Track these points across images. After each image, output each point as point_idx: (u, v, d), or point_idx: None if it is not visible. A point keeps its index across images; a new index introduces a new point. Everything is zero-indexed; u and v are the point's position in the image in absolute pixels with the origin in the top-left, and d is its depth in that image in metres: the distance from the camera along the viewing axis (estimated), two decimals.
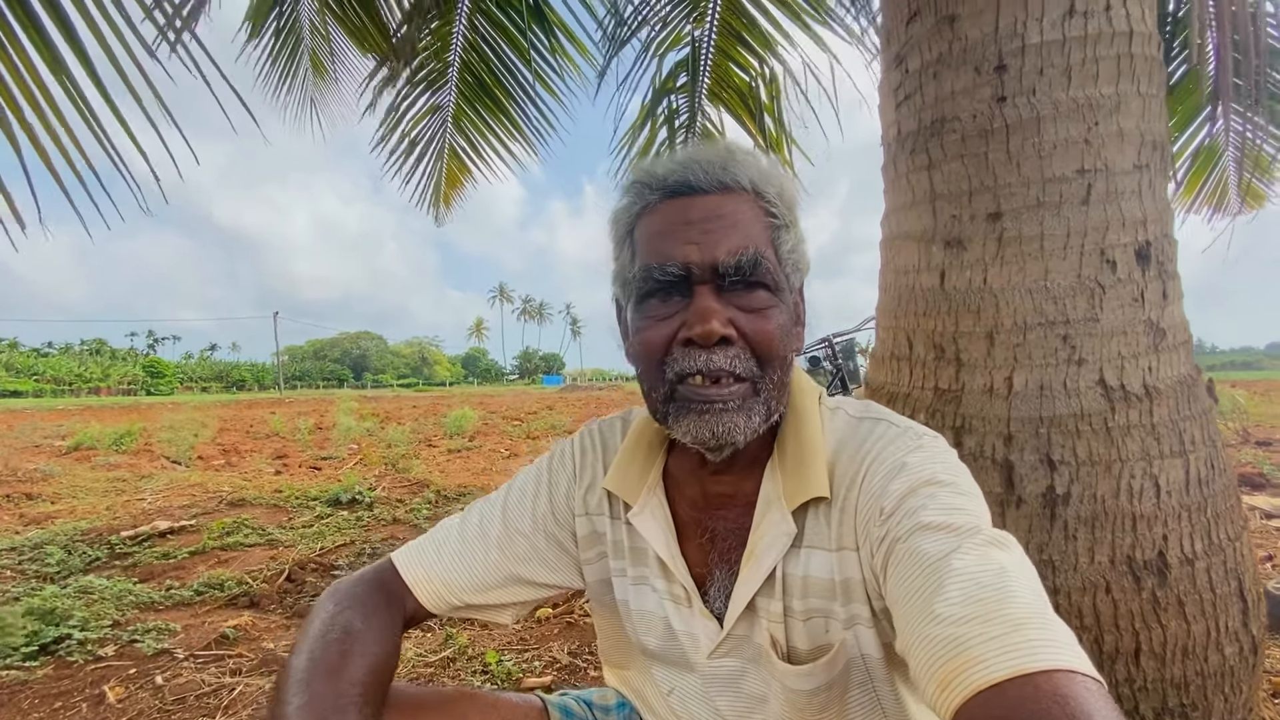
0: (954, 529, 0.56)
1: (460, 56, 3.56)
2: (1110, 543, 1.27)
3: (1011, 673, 0.43)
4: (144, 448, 9.03)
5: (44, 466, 6.93)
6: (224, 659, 2.26)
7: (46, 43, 1.53)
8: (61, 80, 1.55)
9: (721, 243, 0.64)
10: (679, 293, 0.66)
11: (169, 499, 5.15)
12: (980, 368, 1.40)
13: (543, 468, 0.87)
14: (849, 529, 0.67)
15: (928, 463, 0.64)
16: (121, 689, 2.04)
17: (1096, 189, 1.32)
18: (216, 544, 3.67)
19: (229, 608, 2.80)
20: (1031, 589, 0.50)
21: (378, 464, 7.11)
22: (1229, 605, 1.30)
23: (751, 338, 0.65)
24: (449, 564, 0.80)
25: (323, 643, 0.66)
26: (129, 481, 6.16)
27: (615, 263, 0.74)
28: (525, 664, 2.22)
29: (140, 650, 2.30)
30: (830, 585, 0.69)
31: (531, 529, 0.83)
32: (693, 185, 0.66)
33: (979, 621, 0.47)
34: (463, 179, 4.31)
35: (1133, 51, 1.33)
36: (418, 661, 2.24)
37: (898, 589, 0.56)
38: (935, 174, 1.46)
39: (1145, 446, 1.30)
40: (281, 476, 6.54)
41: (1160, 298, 1.35)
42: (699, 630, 0.76)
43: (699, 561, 0.76)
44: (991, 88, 1.37)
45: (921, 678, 0.49)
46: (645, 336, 0.67)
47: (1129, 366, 1.32)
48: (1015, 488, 1.33)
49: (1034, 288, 1.34)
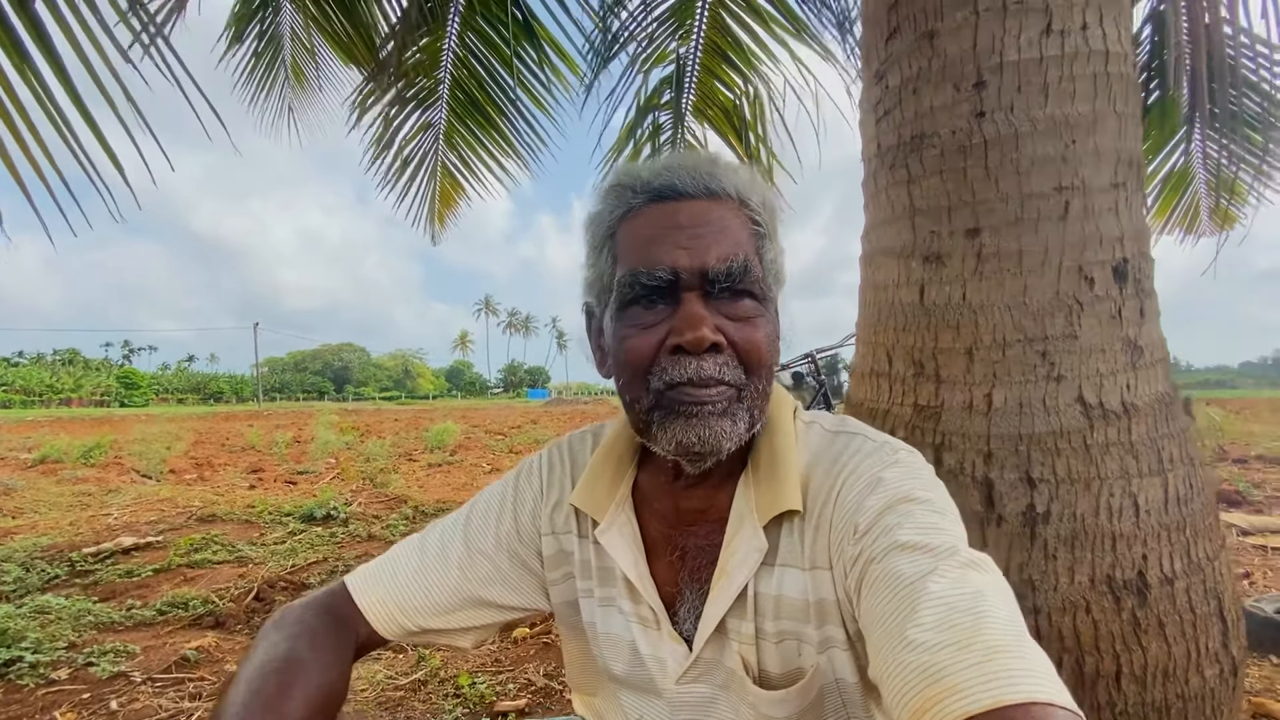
0: (930, 549, 0.54)
1: (451, 73, 3.55)
2: (1090, 562, 1.26)
3: (989, 705, 0.41)
4: (113, 461, 8.80)
5: (7, 480, 6.71)
6: (184, 682, 2.17)
7: (16, 45, 1.48)
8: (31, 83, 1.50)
9: (711, 248, 0.62)
10: (664, 299, 0.63)
11: (136, 514, 5.00)
12: (960, 384, 1.38)
13: (508, 485, 0.84)
14: (822, 546, 0.65)
15: (904, 479, 0.62)
16: (73, 715, 1.95)
17: (1074, 206, 1.32)
18: (183, 561, 3.56)
19: (193, 628, 2.71)
20: (1008, 614, 0.48)
21: (356, 479, 6.98)
22: (1209, 626, 1.29)
23: (739, 346, 0.63)
24: (405, 587, 0.76)
25: (261, 673, 0.62)
26: (95, 496, 5.98)
27: (590, 269, 0.71)
28: (499, 686, 2.16)
29: (95, 673, 2.20)
30: (804, 606, 0.66)
31: (494, 549, 0.79)
32: (679, 189, 0.64)
33: (954, 648, 0.45)
34: (456, 196, 4.30)
35: (1109, 70, 1.35)
36: (387, 685, 2.17)
37: (871, 612, 0.54)
38: (915, 189, 1.46)
39: (1124, 465, 1.29)
40: (255, 491, 6.39)
41: (1138, 315, 1.35)
42: (667, 654, 0.72)
43: (668, 581, 0.73)
44: (970, 104, 1.38)
45: (894, 706, 0.47)
46: (630, 345, 0.64)
47: (1107, 384, 1.31)
48: (995, 506, 1.31)
49: (1013, 304, 1.34)
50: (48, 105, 1.51)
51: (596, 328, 0.74)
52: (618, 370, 0.67)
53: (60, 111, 1.52)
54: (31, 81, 1.50)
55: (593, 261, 0.70)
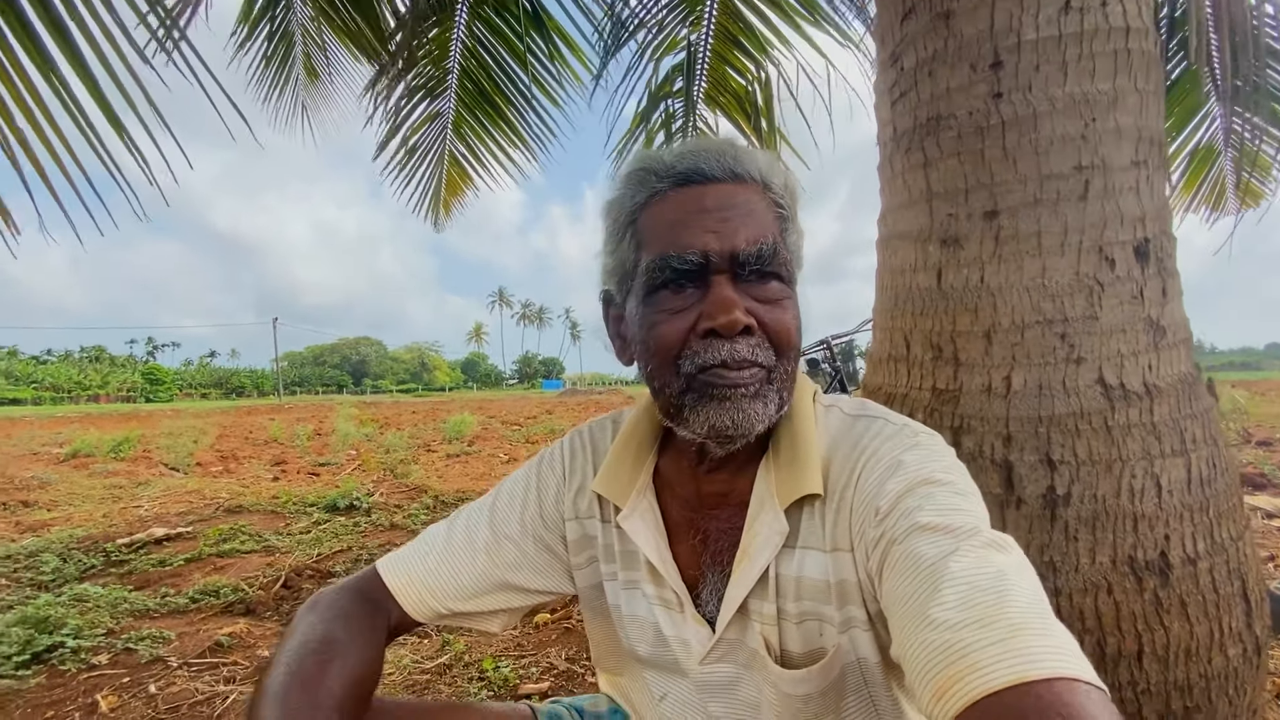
0: (951, 530, 0.54)
1: (459, 63, 3.56)
2: (1111, 543, 1.26)
3: (1011, 680, 0.41)
4: (142, 455, 9.00)
5: (41, 474, 6.90)
6: (218, 667, 2.24)
7: (39, 48, 1.52)
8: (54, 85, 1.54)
9: (740, 231, 0.63)
10: (693, 284, 0.64)
11: (166, 506, 5.12)
12: (978, 367, 1.38)
13: (531, 471, 0.85)
14: (844, 529, 0.66)
15: (925, 461, 0.62)
16: (114, 697, 2.02)
17: (1094, 185, 1.31)
18: (213, 551, 3.65)
19: (224, 615, 2.78)
20: (1031, 592, 0.48)
21: (376, 470, 7.09)
22: (1232, 606, 1.29)
23: (770, 328, 0.64)
24: (435, 571, 0.78)
25: (300, 653, 0.64)
26: (126, 489, 6.14)
27: (610, 256, 0.71)
28: (522, 670, 2.20)
29: (134, 658, 2.28)
30: (825, 587, 0.67)
31: (520, 534, 0.81)
32: (705, 173, 0.64)
33: (976, 626, 0.45)
34: (464, 186, 4.31)
35: (1129, 47, 1.33)
36: (414, 669, 2.22)
37: (893, 593, 0.55)
38: (931, 172, 1.45)
39: (1146, 445, 1.28)
40: (279, 483, 6.51)
41: (1160, 295, 1.34)
42: (690, 636, 0.74)
43: (691, 564, 0.74)
44: (987, 84, 1.36)
45: (917, 685, 0.47)
46: (660, 332, 0.64)
47: (1129, 365, 1.30)
48: (1015, 488, 1.32)
49: (1032, 286, 1.33)
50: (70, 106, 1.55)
51: (616, 315, 0.74)
52: (645, 357, 0.67)
53: (83, 111, 1.55)
54: (54, 82, 1.53)
55: (613, 248, 0.70)
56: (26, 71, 1.53)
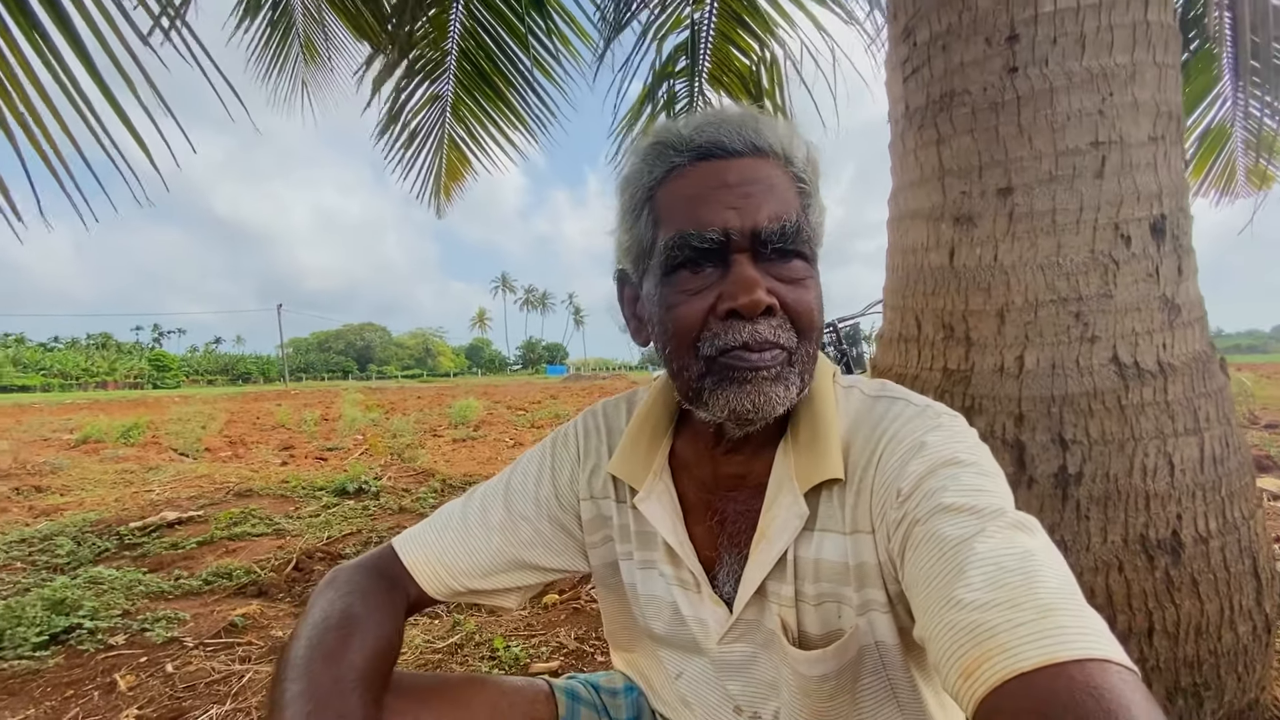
0: (976, 511, 0.53)
1: (458, 44, 3.51)
2: (1123, 522, 1.26)
3: (1041, 661, 0.40)
4: (151, 440, 9.07)
5: (53, 460, 6.97)
6: (233, 647, 2.27)
7: (41, 33, 1.50)
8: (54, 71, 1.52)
9: (762, 208, 0.60)
10: (712, 262, 0.62)
11: (177, 490, 5.17)
12: (990, 347, 1.37)
13: (546, 451, 0.85)
14: (864, 511, 0.65)
15: (948, 442, 0.61)
16: (132, 677, 2.05)
17: (1111, 162, 1.29)
18: (224, 534, 3.69)
19: (237, 596, 2.82)
20: (1059, 574, 0.47)
21: (383, 454, 7.13)
22: (1243, 584, 1.29)
23: (792, 308, 0.62)
24: (451, 549, 0.78)
25: (322, 628, 0.65)
26: (137, 474, 6.19)
27: (626, 234, 0.69)
28: (533, 649, 2.22)
29: (150, 639, 2.31)
30: (843, 569, 0.66)
31: (535, 513, 0.81)
32: (726, 147, 0.62)
33: (1005, 607, 0.44)
34: (463, 170, 4.28)
35: (1149, 19, 1.30)
36: (425, 648, 2.25)
37: (916, 573, 0.54)
38: (944, 149, 1.43)
39: (1159, 424, 1.28)
40: (288, 467, 6.56)
41: (1175, 273, 1.32)
42: (708, 616, 0.74)
43: (707, 545, 0.74)
44: (1003, 59, 1.34)
45: (942, 666, 0.47)
46: (679, 313, 0.62)
47: (1143, 343, 1.29)
48: (1027, 468, 1.31)
49: (1046, 264, 1.32)
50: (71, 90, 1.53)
51: (631, 295, 0.73)
52: (664, 338, 0.66)
53: (85, 97, 1.54)
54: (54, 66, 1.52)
55: (629, 225, 0.68)
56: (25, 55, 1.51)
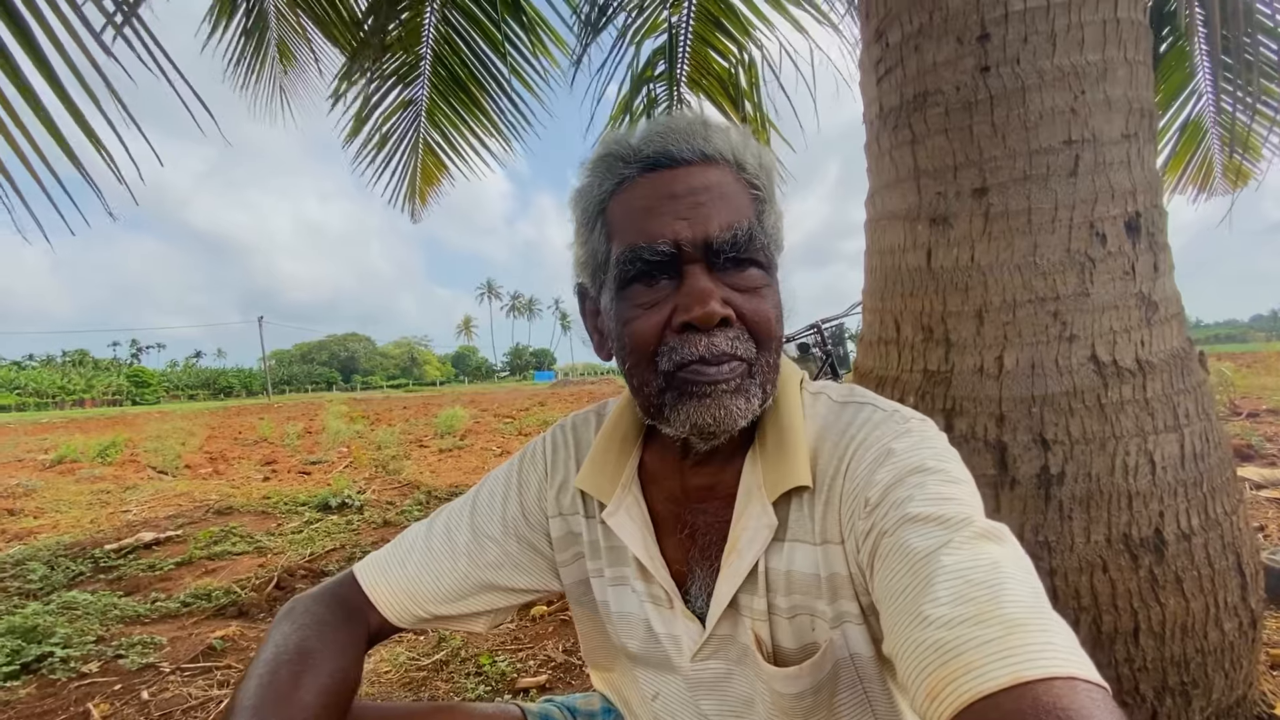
0: (943, 521, 0.52)
1: (432, 49, 3.48)
2: (1106, 521, 1.25)
3: (1007, 681, 0.39)
4: (129, 459, 8.90)
5: (26, 481, 6.80)
6: (211, 671, 2.21)
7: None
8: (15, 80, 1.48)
9: (713, 217, 0.59)
10: (666, 274, 0.61)
11: (155, 510, 5.07)
12: (970, 348, 1.37)
13: (513, 468, 0.83)
14: (833, 521, 0.64)
15: (915, 448, 0.60)
16: (107, 706, 1.99)
17: (1084, 160, 1.29)
18: (204, 553, 3.61)
19: (217, 618, 2.75)
20: (1028, 586, 0.46)
21: (368, 466, 7.05)
22: (1227, 580, 1.29)
23: (749, 318, 0.61)
24: (414, 575, 0.76)
25: (273, 665, 0.62)
26: (114, 494, 6.06)
27: (581, 248, 0.68)
28: (520, 664, 2.19)
29: (125, 666, 2.25)
30: (815, 581, 0.65)
31: (502, 534, 0.79)
32: (674, 156, 0.61)
33: (971, 623, 0.43)
34: (439, 175, 4.24)
35: (1119, 16, 1.30)
36: (410, 666, 2.20)
37: (884, 587, 0.52)
38: (919, 149, 1.43)
39: (1139, 422, 1.27)
40: (270, 483, 6.46)
41: (1151, 270, 1.32)
42: (681, 632, 0.72)
43: (678, 558, 0.72)
44: (975, 58, 1.34)
45: (910, 685, 0.46)
46: (635, 329, 0.62)
47: (1121, 341, 1.29)
48: (1009, 469, 1.31)
49: (1023, 264, 1.31)
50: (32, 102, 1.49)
51: (592, 308, 0.72)
52: (622, 355, 0.65)
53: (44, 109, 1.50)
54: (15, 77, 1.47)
55: (584, 239, 0.67)
56: None
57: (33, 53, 1.47)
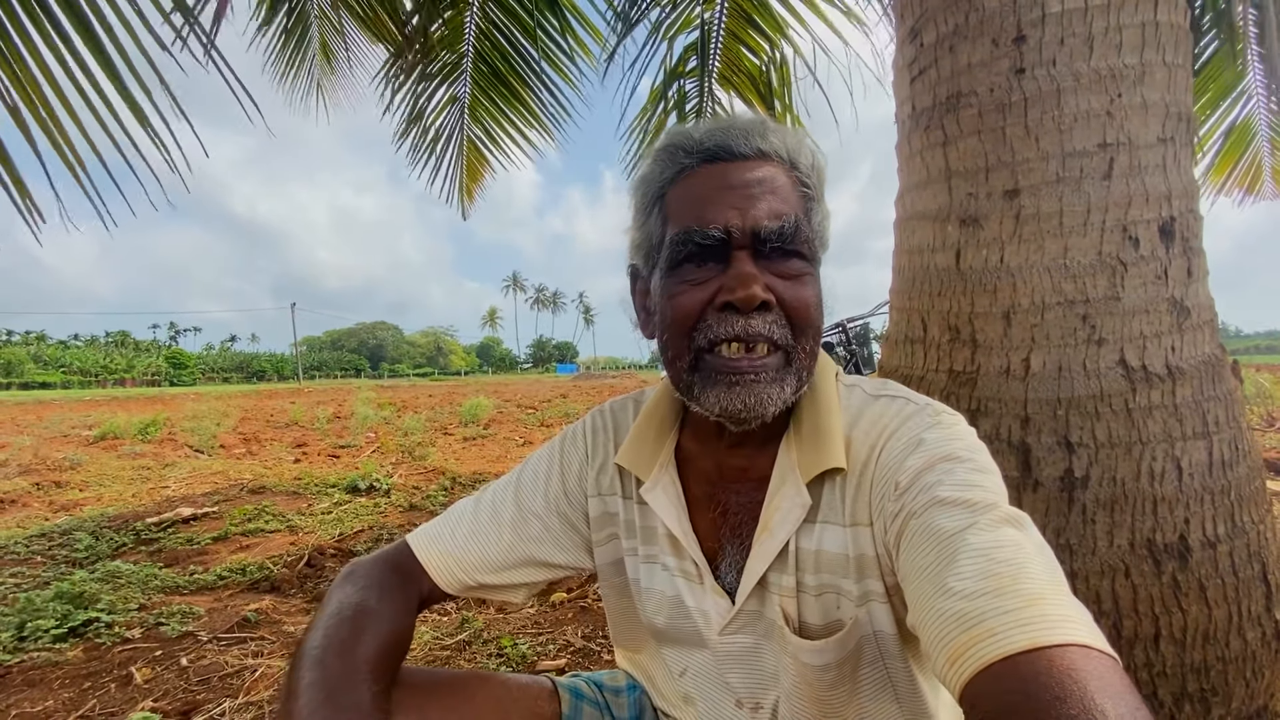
0: (970, 505, 0.55)
1: (474, 46, 3.54)
2: (1130, 526, 1.25)
3: (1024, 646, 0.42)
4: (168, 437, 9.21)
5: (72, 455, 7.10)
6: (246, 641, 2.31)
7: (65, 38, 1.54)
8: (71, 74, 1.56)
9: (763, 208, 0.64)
10: (715, 258, 0.65)
11: (192, 486, 5.25)
12: (996, 349, 1.37)
13: (555, 449, 0.87)
14: (863, 504, 0.67)
15: (946, 439, 0.63)
16: (148, 670, 2.09)
17: (1119, 163, 1.28)
18: (238, 530, 3.74)
19: (251, 592, 2.86)
20: (1047, 566, 0.49)
21: (395, 452, 7.20)
22: (1252, 589, 1.28)
23: (789, 305, 0.65)
24: (463, 545, 0.81)
25: (337, 620, 0.68)
26: (154, 470, 6.30)
27: (638, 231, 0.73)
28: (540, 647, 2.24)
29: (165, 633, 2.35)
30: (844, 561, 0.68)
31: (544, 509, 0.83)
32: (732, 150, 0.65)
33: (992, 595, 0.46)
34: (482, 170, 4.32)
35: (1158, 19, 1.29)
36: (434, 645, 2.27)
37: (910, 564, 0.56)
38: (951, 150, 1.43)
39: (1167, 428, 1.27)
40: (301, 464, 6.64)
41: (1184, 275, 1.31)
42: (710, 606, 0.75)
43: (710, 536, 0.76)
44: (1010, 59, 1.33)
45: (932, 652, 0.49)
46: (679, 302, 0.66)
47: (1151, 346, 1.28)
48: (1032, 471, 1.31)
49: (1053, 266, 1.31)
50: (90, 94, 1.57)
51: (642, 289, 0.76)
52: (662, 326, 0.69)
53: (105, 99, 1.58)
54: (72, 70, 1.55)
55: (641, 223, 0.72)
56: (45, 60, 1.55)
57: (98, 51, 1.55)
